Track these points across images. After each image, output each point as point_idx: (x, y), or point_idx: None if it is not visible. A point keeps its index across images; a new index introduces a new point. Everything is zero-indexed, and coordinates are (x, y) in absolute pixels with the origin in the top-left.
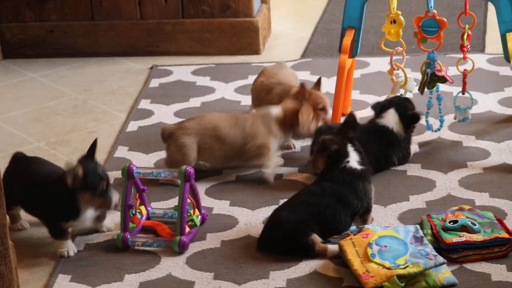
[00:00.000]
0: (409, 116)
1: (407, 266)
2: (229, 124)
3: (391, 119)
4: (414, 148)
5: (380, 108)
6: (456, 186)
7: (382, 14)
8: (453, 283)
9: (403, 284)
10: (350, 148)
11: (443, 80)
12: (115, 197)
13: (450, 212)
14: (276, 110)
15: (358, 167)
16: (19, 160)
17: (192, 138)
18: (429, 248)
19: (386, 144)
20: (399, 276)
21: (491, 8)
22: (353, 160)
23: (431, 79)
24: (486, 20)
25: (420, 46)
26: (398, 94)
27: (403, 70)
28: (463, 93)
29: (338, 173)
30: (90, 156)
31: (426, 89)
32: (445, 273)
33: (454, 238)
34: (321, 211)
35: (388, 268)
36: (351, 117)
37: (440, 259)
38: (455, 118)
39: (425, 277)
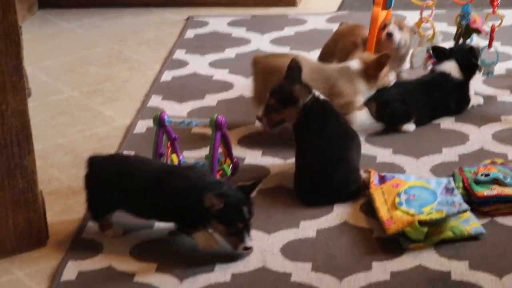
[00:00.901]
0: (467, 65)
1: (431, 213)
2: (312, 78)
3: (450, 66)
4: (478, 99)
5: (441, 56)
6: (489, 139)
7: None
8: (480, 233)
9: (425, 230)
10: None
11: (478, 32)
12: (248, 241)
13: (482, 166)
14: (356, 64)
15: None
16: (104, 163)
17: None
18: (457, 198)
19: (442, 90)
20: (421, 222)
21: None
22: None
23: (465, 31)
24: None
25: None
26: (426, 48)
27: (431, 24)
28: (489, 47)
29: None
30: (245, 191)
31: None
32: (473, 224)
33: (485, 191)
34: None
35: (412, 215)
36: (294, 62)
37: (464, 206)
38: (479, 71)
39: (452, 227)
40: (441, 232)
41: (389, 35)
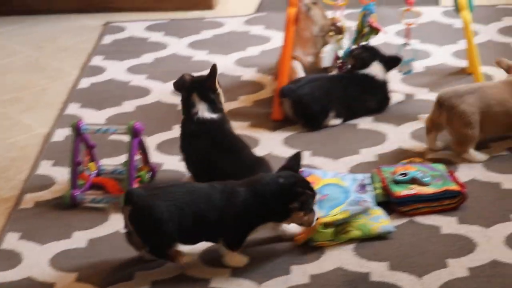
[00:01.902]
0: (390, 59)
1: (335, 215)
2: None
3: (375, 68)
4: (398, 96)
5: (361, 61)
6: (408, 139)
7: None
8: (389, 231)
9: (331, 231)
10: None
11: (377, 31)
12: (317, 215)
13: (400, 165)
14: None
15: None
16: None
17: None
18: (367, 196)
19: (363, 90)
20: (327, 224)
21: None
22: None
23: (367, 31)
24: None
25: None
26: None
27: (342, 23)
28: (407, 45)
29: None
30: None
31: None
32: (382, 222)
33: (404, 191)
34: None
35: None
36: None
37: (367, 204)
38: (399, 71)
39: (360, 226)
40: (350, 231)
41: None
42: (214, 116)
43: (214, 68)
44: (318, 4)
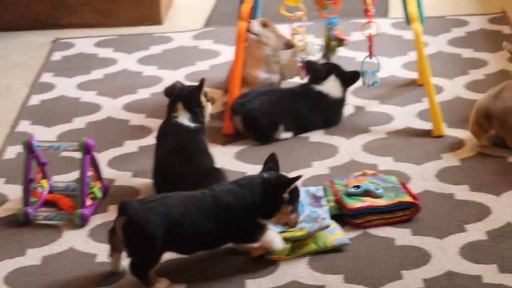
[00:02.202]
0: (349, 75)
1: (292, 231)
2: None
3: (329, 85)
4: (349, 109)
5: (318, 74)
6: (360, 151)
7: None
8: (344, 243)
9: (288, 246)
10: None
11: (343, 43)
12: (300, 217)
13: (353, 177)
14: None
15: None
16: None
17: None
18: (323, 211)
19: (314, 107)
20: (284, 239)
21: None
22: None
23: (334, 44)
24: None
25: (322, 13)
26: (299, 58)
27: (302, 34)
28: (371, 57)
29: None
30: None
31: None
32: (337, 234)
33: (357, 203)
34: None
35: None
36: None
37: (326, 222)
38: (364, 84)
39: (314, 239)
40: (305, 244)
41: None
42: (191, 125)
43: (202, 82)
44: (270, 25)
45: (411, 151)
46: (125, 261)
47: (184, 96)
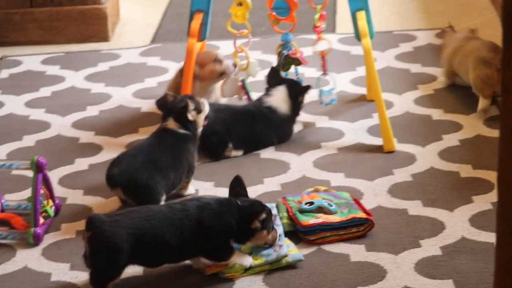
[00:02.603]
0: (300, 88)
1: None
2: None
3: (278, 101)
4: (298, 126)
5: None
6: (311, 167)
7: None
8: (299, 259)
9: (243, 270)
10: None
11: (298, 62)
12: (279, 231)
13: (305, 194)
14: None
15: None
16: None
17: None
18: (279, 230)
19: (264, 125)
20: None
21: None
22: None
23: (285, 61)
24: (336, 1)
25: (274, 27)
26: (240, 78)
27: (246, 53)
28: (325, 75)
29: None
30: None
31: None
32: (291, 251)
33: (310, 220)
34: None
35: None
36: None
37: (284, 251)
38: (321, 102)
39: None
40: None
41: (234, 66)
42: (181, 131)
43: (185, 103)
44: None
45: (363, 166)
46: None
47: (175, 112)
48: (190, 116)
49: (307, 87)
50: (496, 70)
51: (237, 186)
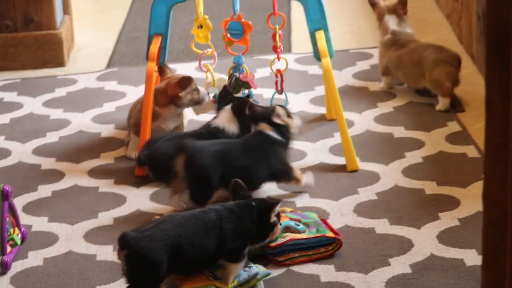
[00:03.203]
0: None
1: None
2: None
3: (225, 120)
4: None
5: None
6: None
7: (185, 19)
8: (267, 274)
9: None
10: None
11: (247, 85)
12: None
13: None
14: None
15: None
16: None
17: None
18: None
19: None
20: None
21: (294, 7)
22: None
23: (236, 84)
24: (291, 20)
25: (228, 49)
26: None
27: (211, 72)
28: (281, 93)
29: None
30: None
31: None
32: (259, 270)
33: (278, 240)
34: None
35: (207, 277)
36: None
37: (254, 270)
38: None
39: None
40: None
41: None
42: (275, 136)
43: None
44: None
45: (327, 186)
46: None
47: (265, 118)
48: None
49: (246, 101)
50: (454, 66)
51: (240, 189)
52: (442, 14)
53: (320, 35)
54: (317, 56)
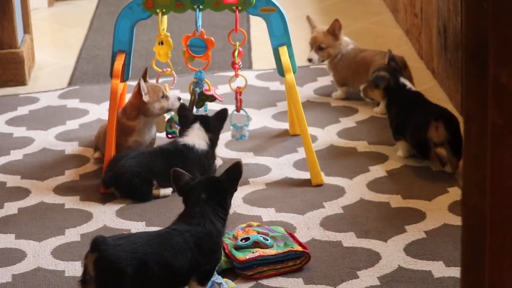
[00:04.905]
0: (218, 115)
1: None
2: None
3: (194, 137)
4: (218, 161)
5: (188, 124)
6: (241, 203)
7: (144, 37)
8: None
9: None
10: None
11: (212, 98)
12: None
13: (240, 229)
14: None
15: None
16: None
17: None
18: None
19: (184, 162)
20: None
21: (253, 24)
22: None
23: (199, 98)
24: (250, 37)
25: (188, 65)
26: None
27: (167, 90)
28: (238, 111)
29: None
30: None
31: (195, 108)
32: (229, 286)
33: (247, 255)
34: None
35: None
36: None
37: (224, 286)
38: (232, 137)
39: None
40: None
41: (179, 99)
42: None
43: None
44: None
45: (293, 201)
46: None
47: None
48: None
49: (224, 112)
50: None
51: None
52: (401, 29)
53: (283, 50)
54: (281, 71)
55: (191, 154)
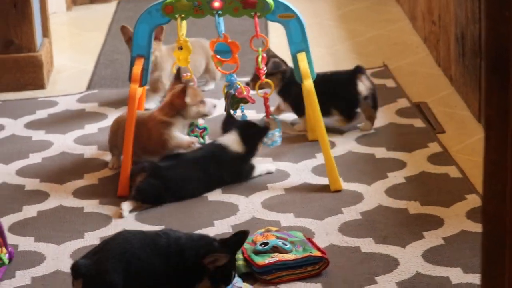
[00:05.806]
0: (256, 130)
1: None
2: None
3: (230, 139)
4: (266, 167)
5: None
6: (260, 208)
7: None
8: None
9: None
10: None
11: (245, 101)
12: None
13: (259, 234)
14: None
15: None
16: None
17: None
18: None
19: (218, 163)
20: None
21: (271, 30)
22: None
23: (233, 101)
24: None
25: (218, 69)
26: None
27: None
28: (267, 117)
29: None
30: (233, 248)
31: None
32: (245, 287)
33: (266, 260)
34: None
35: None
36: None
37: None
38: (264, 143)
39: None
40: None
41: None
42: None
43: None
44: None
45: (311, 206)
46: None
47: None
48: None
49: (260, 130)
50: None
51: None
52: (419, 37)
53: (302, 57)
54: (299, 77)
55: (223, 154)
